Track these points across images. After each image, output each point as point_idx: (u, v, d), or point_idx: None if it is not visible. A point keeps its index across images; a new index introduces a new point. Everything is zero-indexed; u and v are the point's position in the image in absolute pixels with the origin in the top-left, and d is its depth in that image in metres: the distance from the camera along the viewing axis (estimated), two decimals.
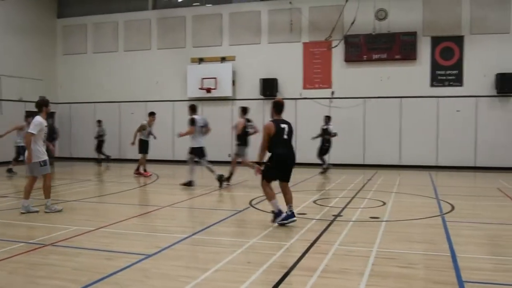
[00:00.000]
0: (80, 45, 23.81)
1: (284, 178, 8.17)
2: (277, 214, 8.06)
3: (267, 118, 19.94)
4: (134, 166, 17.03)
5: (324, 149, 17.06)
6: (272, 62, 20.66)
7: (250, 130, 13.61)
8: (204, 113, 21.08)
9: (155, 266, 5.84)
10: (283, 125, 8.11)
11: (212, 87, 21.06)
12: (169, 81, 22.24)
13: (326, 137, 17.01)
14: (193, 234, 7.47)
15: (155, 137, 16.57)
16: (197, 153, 13.12)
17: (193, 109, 13.51)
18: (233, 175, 13.57)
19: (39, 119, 9.37)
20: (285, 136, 8.08)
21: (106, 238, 7.35)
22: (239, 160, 13.62)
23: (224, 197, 12.03)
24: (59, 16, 24.25)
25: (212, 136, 20.74)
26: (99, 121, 21.60)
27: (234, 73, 21.12)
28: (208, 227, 8.08)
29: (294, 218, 7.98)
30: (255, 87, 20.77)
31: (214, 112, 21.33)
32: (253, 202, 10.49)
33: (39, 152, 9.34)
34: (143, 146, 16.24)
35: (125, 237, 7.50)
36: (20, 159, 15.98)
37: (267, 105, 20.53)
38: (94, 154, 21.62)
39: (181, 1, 22.67)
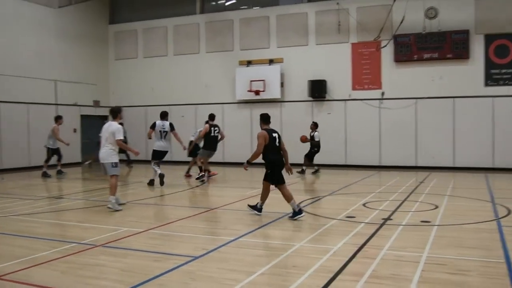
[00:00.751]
0: (131, 50, 24.36)
1: (281, 181, 9.13)
2: (258, 209, 9.41)
3: (316, 120, 19.85)
4: (184, 168, 17.29)
5: (311, 154, 17.44)
6: (320, 64, 20.48)
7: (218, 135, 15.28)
8: (253, 115, 21.22)
9: (201, 268, 5.87)
10: (274, 134, 9.17)
11: (261, 89, 21.08)
12: (218, 84, 22.42)
13: (312, 142, 17.33)
14: (240, 237, 7.47)
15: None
16: (155, 155, 14.22)
17: (162, 116, 14.52)
18: (206, 170, 15.22)
19: (118, 125, 10.27)
20: (277, 144, 9.13)
21: (154, 240, 7.46)
22: (199, 159, 15.42)
23: (273, 200, 11.95)
24: (111, 23, 24.89)
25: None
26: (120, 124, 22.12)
27: (282, 75, 21.07)
28: (255, 229, 8.07)
29: (303, 214, 8.90)
30: (303, 88, 20.65)
31: None
32: (301, 205, 10.39)
33: (113, 153, 10.20)
34: (197, 149, 16.59)
35: (173, 239, 7.58)
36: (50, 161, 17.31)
37: (316, 107, 20.44)
38: (143, 157, 21.96)
39: (229, 5, 22.84)
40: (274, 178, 9.12)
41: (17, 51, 19.66)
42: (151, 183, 14.20)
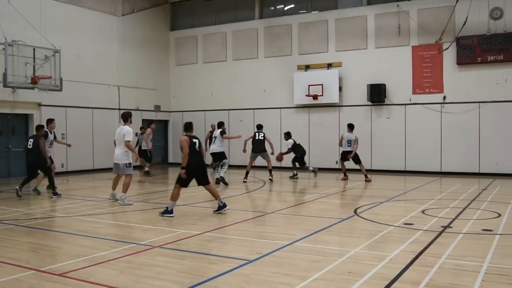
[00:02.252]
0: (191, 55, 24.84)
1: (204, 181, 10.04)
2: (168, 211, 9.79)
3: (375, 125, 19.58)
4: (242, 172, 17.42)
5: (298, 159, 17.72)
6: (379, 67, 20.17)
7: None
8: (311, 120, 21.18)
9: (255, 272, 5.91)
10: (194, 140, 10.01)
11: (319, 93, 20.98)
12: (276, 89, 22.50)
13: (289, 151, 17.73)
14: (295, 241, 7.47)
15: None
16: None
17: (218, 125, 16.38)
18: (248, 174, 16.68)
19: (129, 129, 11.22)
20: (197, 149, 9.97)
21: (210, 242, 7.57)
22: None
23: (330, 205, 11.91)
24: (172, 29, 25.49)
25: (318, 143, 20.87)
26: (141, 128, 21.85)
27: (340, 79, 20.90)
28: (311, 234, 8.04)
29: (227, 207, 10.13)
30: (362, 93, 20.40)
31: (320, 119, 21.29)
32: (359, 211, 10.29)
33: (127, 155, 11.33)
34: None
35: (229, 242, 7.67)
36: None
37: (375, 112, 20.14)
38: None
39: (287, 9, 22.89)
40: (188, 181, 9.88)
41: (83, 57, 20.46)
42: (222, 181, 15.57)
